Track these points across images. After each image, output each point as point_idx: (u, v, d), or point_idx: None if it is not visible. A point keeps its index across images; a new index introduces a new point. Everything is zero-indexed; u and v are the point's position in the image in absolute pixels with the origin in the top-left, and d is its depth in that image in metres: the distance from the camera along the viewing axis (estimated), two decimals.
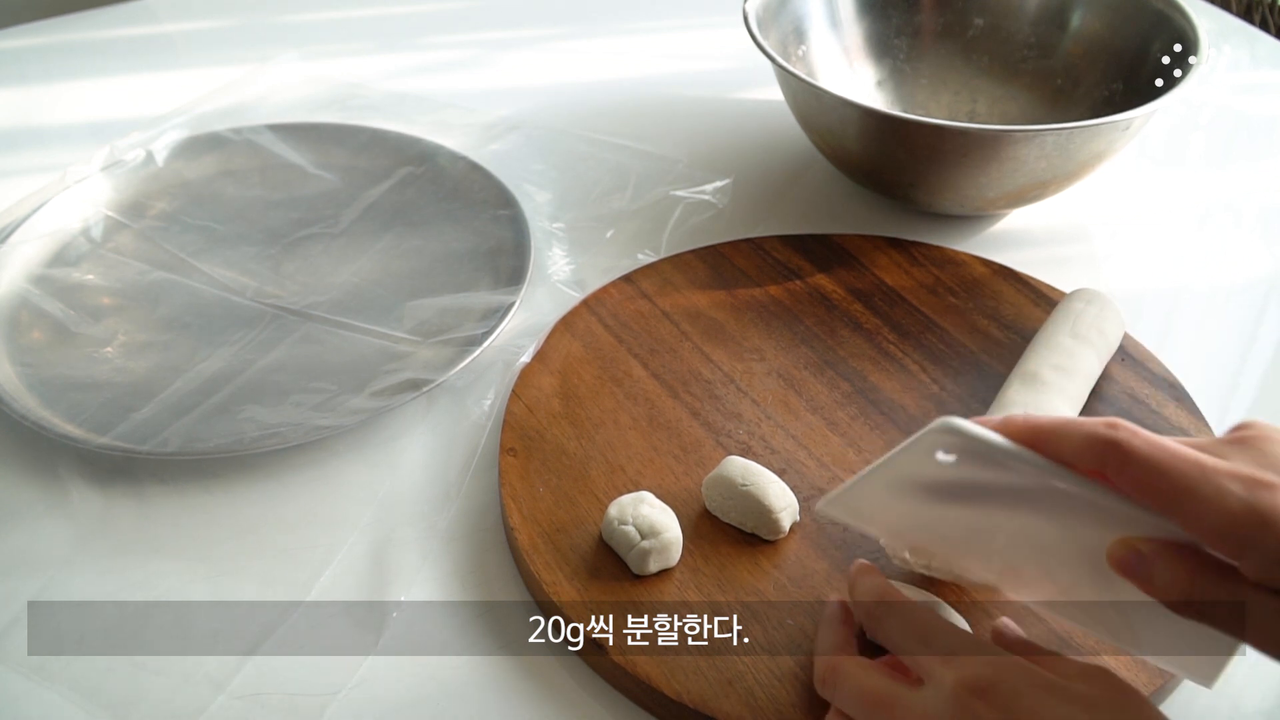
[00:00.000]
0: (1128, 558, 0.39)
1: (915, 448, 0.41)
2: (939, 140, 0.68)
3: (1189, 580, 0.37)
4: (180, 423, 0.60)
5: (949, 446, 0.40)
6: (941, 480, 0.43)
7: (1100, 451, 0.38)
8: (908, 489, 0.45)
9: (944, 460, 0.41)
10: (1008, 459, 0.40)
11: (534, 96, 0.92)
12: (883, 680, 0.42)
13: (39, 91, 0.94)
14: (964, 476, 0.42)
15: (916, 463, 0.42)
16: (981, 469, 0.41)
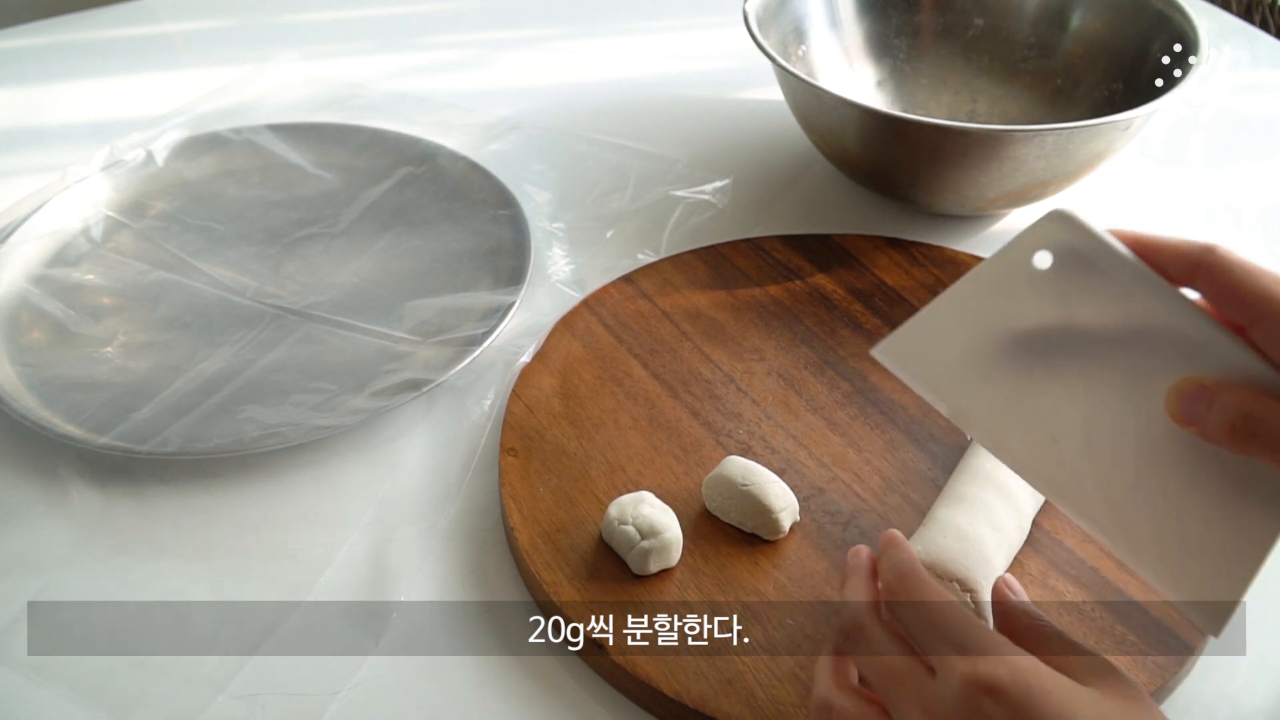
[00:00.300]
0: (1191, 390, 0.39)
1: (1017, 245, 0.41)
2: (939, 140, 0.68)
3: (1250, 400, 0.38)
4: (180, 423, 0.60)
5: (1055, 242, 0.40)
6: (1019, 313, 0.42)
7: (1198, 256, 0.39)
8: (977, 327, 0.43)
9: (1039, 268, 0.40)
10: (1111, 261, 0.40)
11: (534, 96, 0.92)
12: (903, 657, 0.42)
13: (39, 91, 0.94)
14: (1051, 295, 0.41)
15: (1010, 272, 0.41)
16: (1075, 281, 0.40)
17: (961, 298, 0.43)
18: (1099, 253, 0.40)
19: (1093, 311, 0.41)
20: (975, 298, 0.42)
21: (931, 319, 0.43)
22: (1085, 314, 0.41)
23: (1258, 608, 0.53)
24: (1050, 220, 0.40)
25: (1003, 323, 0.43)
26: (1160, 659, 0.49)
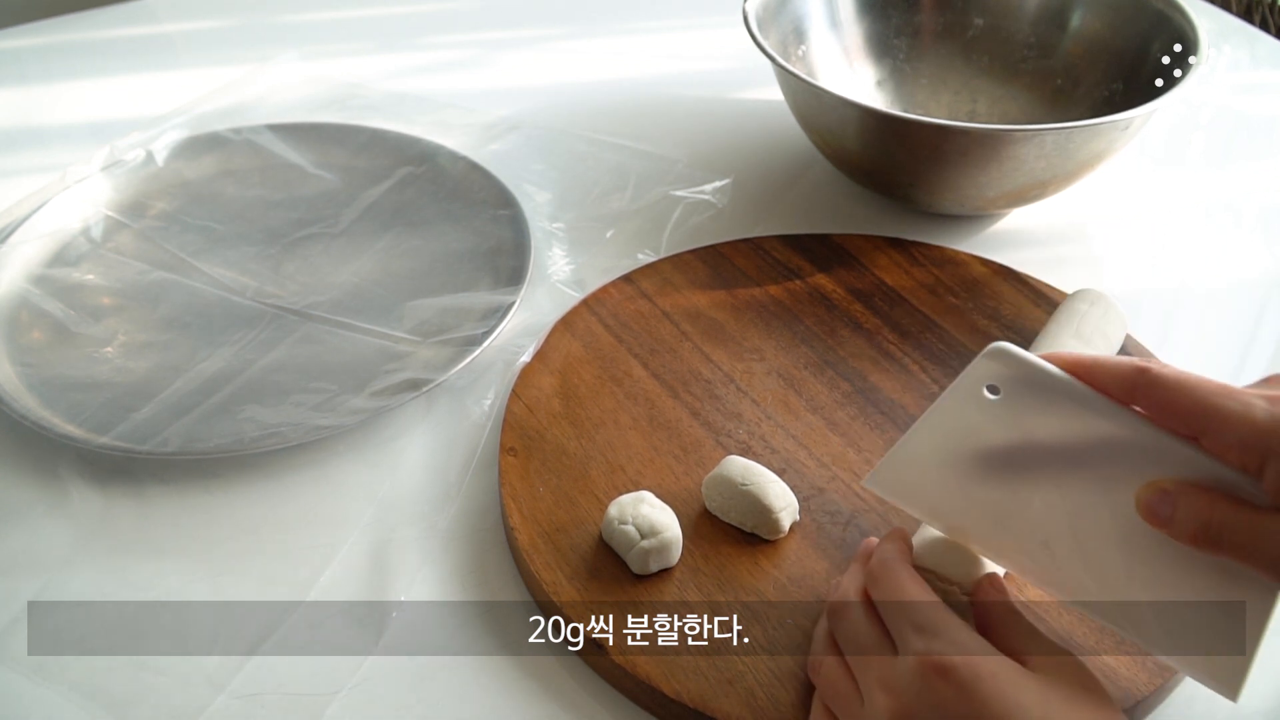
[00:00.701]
0: (1153, 497, 0.41)
1: (965, 382, 0.43)
2: (939, 140, 0.68)
3: (1209, 508, 0.39)
4: (180, 423, 0.60)
5: (998, 375, 0.42)
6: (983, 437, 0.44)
7: (1133, 378, 0.41)
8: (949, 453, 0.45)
9: (991, 398, 0.42)
10: (1052, 387, 0.41)
11: (534, 96, 0.92)
12: (875, 634, 0.45)
13: (39, 91, 0.94)
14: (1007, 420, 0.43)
15: (964, 405, 0.43)
16: (1025, 406, 0.42)
17: (929, 429, 0.46)
18: (1041, 381, 0.42)
19: (1050, 430, 0.43)
20: (941, 428, 0.46)
21: (907, 449, 0.47)
22: (1044, 433, 0.43)
23: None
24: (988, 357, 0.42)
25: (972, 447, 0.45)
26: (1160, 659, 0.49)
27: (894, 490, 0.49)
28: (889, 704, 0.42)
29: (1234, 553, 0.39)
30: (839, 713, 0.45)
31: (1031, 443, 0.44)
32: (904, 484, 0.48)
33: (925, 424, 0.46)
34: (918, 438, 0.46)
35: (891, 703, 0.42)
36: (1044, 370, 0.42)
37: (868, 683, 0.43)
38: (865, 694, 0.44)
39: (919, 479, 0.48)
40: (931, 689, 0.41)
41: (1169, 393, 0.40)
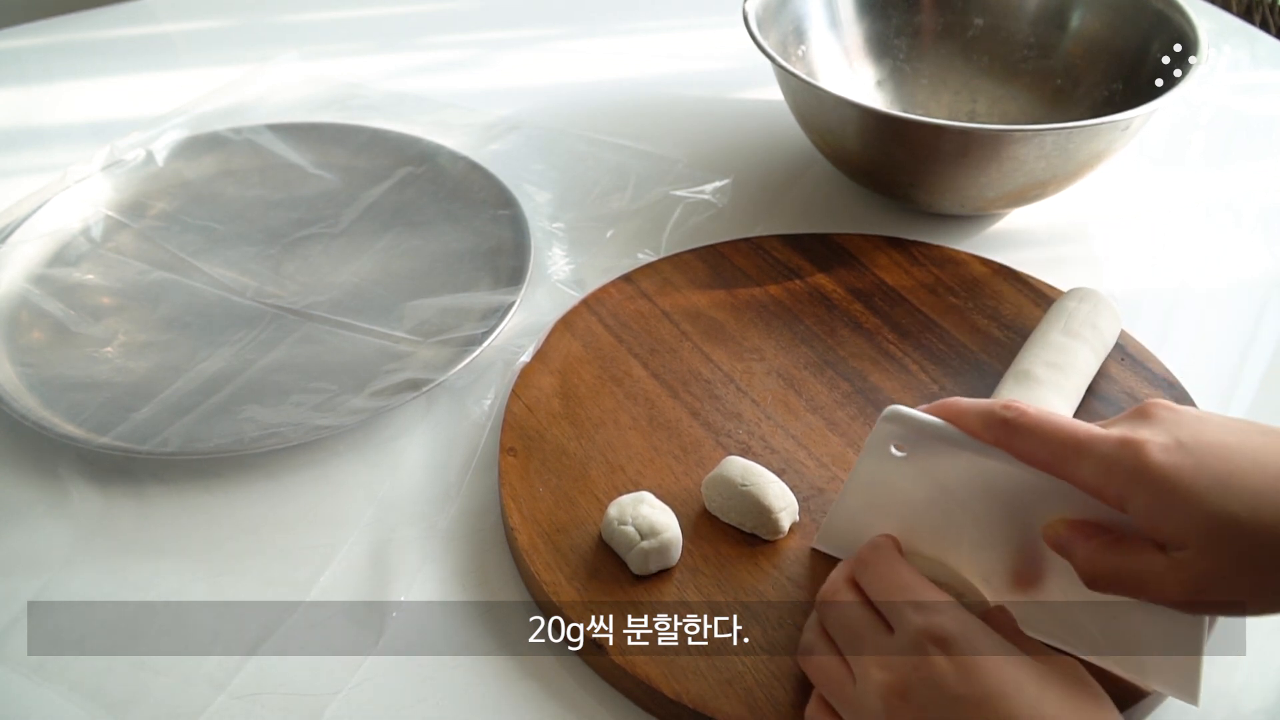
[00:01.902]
0: (1051, 538, 0.43)
1: (873, 444, 0.46)
2: (939, 140, 0.68)
3: (1095, 556, 0.41)
4: (180, 423, 0.60)
5: (896, 435, 0.45)
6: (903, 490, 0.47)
7: (994, 426, 0.43)
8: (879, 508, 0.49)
9: (898, 455, 0.46)
10: (943, 438, 0.45)
11: (534, 96, 0.92)
12: (866, 615, 0.45)
13: (39, 91, 0.94)
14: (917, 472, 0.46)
15: (879, 464, 0.47)
16: (928, 457, 0.46)
17: (856, 488, 0.49)
18: (932, 434, 0.45)
19: (955, 477, 0.46)
20: (865, 487, 0.49)
21: (841, 510, 0.51)
22: (951, 480, 0.46)
23: None
24: (886, 420, 0.46)
25: (896, 500, 0.48)
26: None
27: (841, 548, 0.52)
28: (884, 679, 0.42)
29: (1128, 592, 0.41)
30: (832, 698, 0.45)
31: (945, 490, 0.46)
32: (849, 541, 0.51)
33: (851, 485, 0.49)
34: (849, 498, 0.50)
35: (887, 678, 0.42)
36: (928, 424, 0.45)
37: (862, 663, 0.44)
38: (859, 674, 0.44)
39: (860, 534, 0.50)
40: (929, 662, 0.41)
41: (1025, 440, 0.42)
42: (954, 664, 0.41)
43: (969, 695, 0.40)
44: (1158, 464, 0.39)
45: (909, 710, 0.41)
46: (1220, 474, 0.39)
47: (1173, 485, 0.39)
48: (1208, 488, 0.38)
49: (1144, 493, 0.39)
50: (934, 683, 0.41)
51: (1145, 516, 0.39)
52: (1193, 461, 0.39)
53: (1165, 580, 0.39)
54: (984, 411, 0.43)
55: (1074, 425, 0.41)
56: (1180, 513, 0.39)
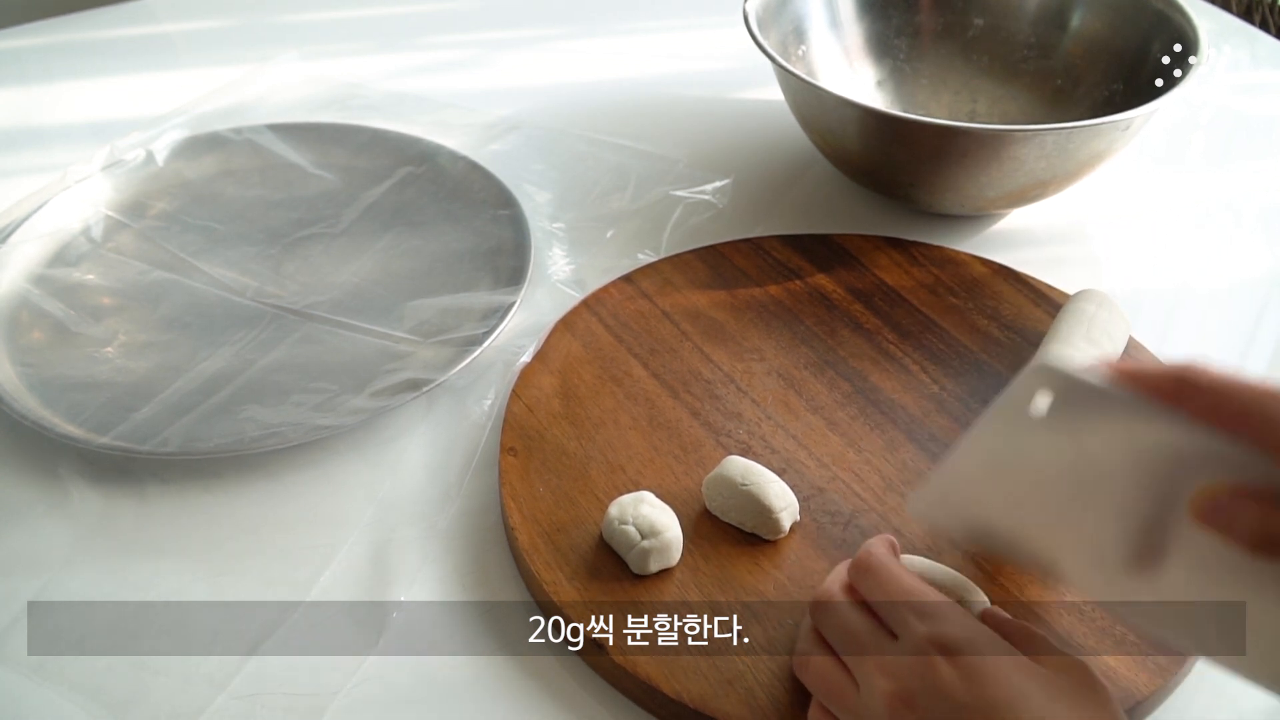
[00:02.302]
0: (1208, 505, 0.40)
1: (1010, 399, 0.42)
2: (939, 140, 0.68)
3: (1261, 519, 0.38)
4: (180, 423, 0.60)
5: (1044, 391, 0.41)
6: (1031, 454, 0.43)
7: (1176, 381, 0.40)
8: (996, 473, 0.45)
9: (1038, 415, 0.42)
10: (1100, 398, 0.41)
11: (534, 96, 0.92)
12: (865, 622, 0.44)
13: (39, 91, 0.94)
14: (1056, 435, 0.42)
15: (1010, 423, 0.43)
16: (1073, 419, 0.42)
17: (974, 449, 0.44)
18: (1088, 394, 0.41)
19: (1101, 441, 0.42)
20: (987, 448, 0.44)
21: (951, 472, 0.45)
22: (1094, 444, 0.42)
23: None
24: (1036, 374, 0.41)
25: (1021, 465, 0.44)
26: (1160, 659, 0.49)
27: (937, 514, 0.48)
28: (888, 688, 0.42)
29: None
30: (834, 706, 0.45)
31: (1083, 455, 0.43)
32: (948, 507, 0.47)
33: (970, 445, 0.45)
34: (964, 458, 0.45)
35: (891, 686, 0.42)
36: (1091, 383, 0.41)
37: (864, 670, 0.43)
38: (862, 682, 0.43)
39: (963, 501, 0.46)
40: (934, 670, 0.41)
41: (1212, 396, 0.40)
42: (960, 671, 0.41)
43: (975, 703, 0.40)
44: None
45: (914, 717, 0.41)
46: None
47: None
48: None
49: None
50: (940, 691, 0.41)
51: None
52: None
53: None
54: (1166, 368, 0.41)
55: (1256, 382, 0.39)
56: None
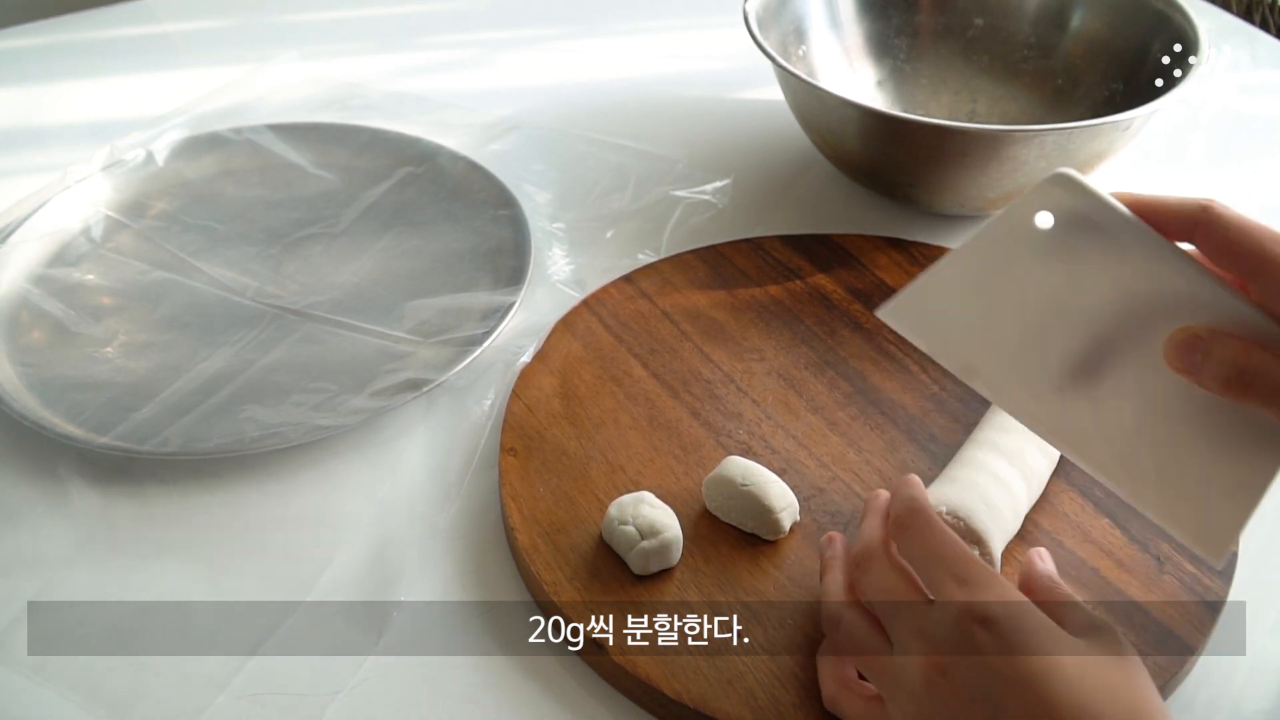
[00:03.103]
0: (1185, 340, 0.41)
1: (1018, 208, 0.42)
2: (939, 140, 0.68)
3: (1243, 353, 0.39)
4: (180, 423, 0.60)
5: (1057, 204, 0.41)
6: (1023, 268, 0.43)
7: (1195, 213, 0.41)
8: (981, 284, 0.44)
9: (1042, 228, 0.42)
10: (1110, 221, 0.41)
11: (534, 96, 0.92)
12: (905, 583, 0.44)
13: (39, 91, 0.94)
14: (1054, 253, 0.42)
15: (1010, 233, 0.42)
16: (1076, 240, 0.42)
17: (965, 259, 0.44)
18: (1099, 213, 0.41)
19: (1094, 269, 0.42)
20: (979, 259, 0.44)
21: (936, 281, 0.45)
22: (1087, 271, 0.42)
23: (1257, 608, 0.53)
24: (1052, 182, 0.41)
25: (1007, 281, 0.44)
26: (1160, 659, 0.49)
27: (910, 322, 0.47)
28: (923, 653, 0.42)
29: (1261, 397, 0.39)
30: (864, 666, 0.45)
31: (1072, 280, 0.43)
32: (923, 316, 0.46)
33: (965, 251, 0.44)
34: (949, 268, 0.45)
35: (928, 651, 0.42)
36: (1107, 204, 0.41)
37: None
38: (897, 643, 0.43)
39: (940, 313, 0.46)
40: (972, 640, 0.41)
41: (1227, 232, 0.40)
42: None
43: (1011, 676, 0.40)
44: None
45: (948, 686, 0.41)
46: None
47: None
48: None
49: None
50: (977, 663, 0.41)
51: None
52: None
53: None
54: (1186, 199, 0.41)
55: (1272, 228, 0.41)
56: None
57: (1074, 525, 0.55)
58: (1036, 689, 0.40)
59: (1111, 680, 0.41)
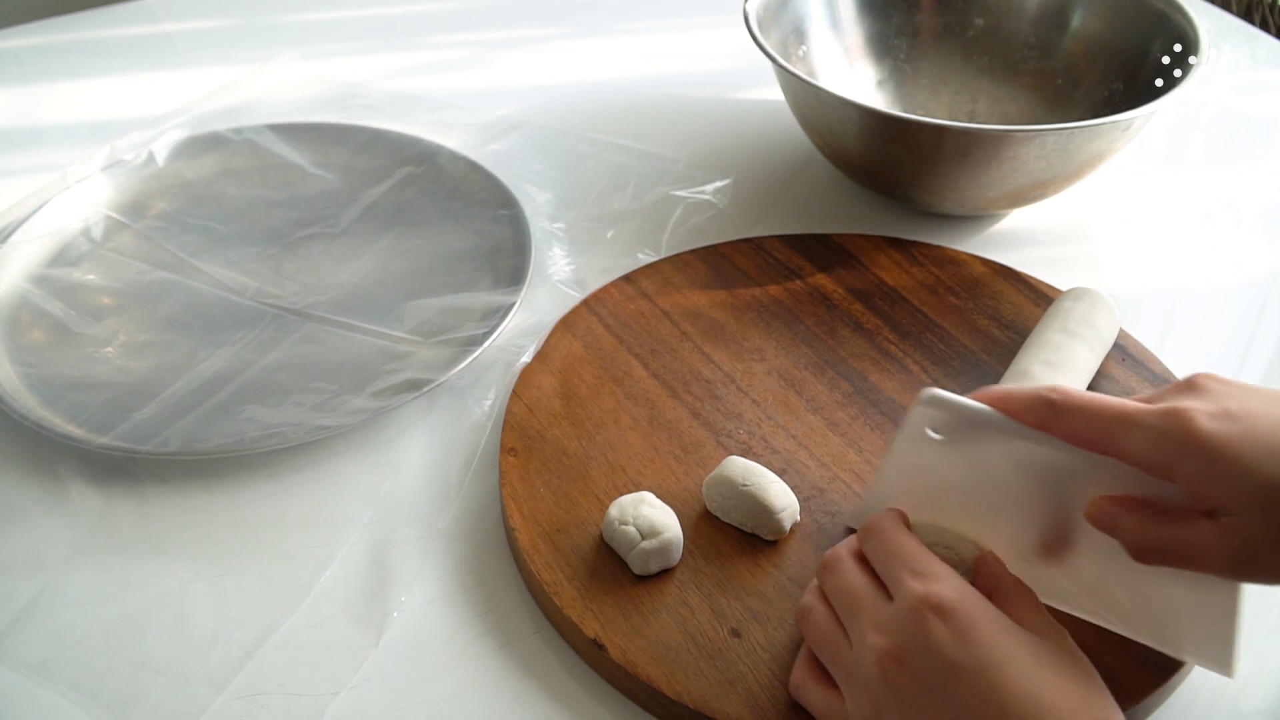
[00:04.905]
0: (1096, 515, 0.43)
1: (908, 427, 0.46)
2: (939, 140, 0.68)
3: (1139, 528, 0.41)
4: (181, 423, 0.60)
5: (933, 419, 0.45)
6: (940, 473, 0.47)
7: (1039, 407, 0.43)
8: (915, 491, 0.48)
9: (935, 438, 0.46)
10: (983, 422, 0.44)
11: (534, 96, 0.92)
12: (865, 582, 0.45)
13: (39, 91, 0.94)
14: (955, 455, 0.46)
15: (914, 447, 0.46)
16: (966, 441, 0.45)
17: (890, 470, 0.49)
18: (973, 418, 0.45)
19: (994, 458, 0.46)
20: (900, 468, 0.48)
21: (877, 491, 0.50)
22: (990, 462, 0.46)
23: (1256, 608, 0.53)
24: (923, 404, 0.45)
25: (933, 481, 0.48)
26: (1160, 659, 0.49)
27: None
28: (880, 644, 0.43)
29: (1172, 562, 0.41)
30: (826, 659, 0.46)
31: (983, 472, 0.46)
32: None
33: (885, 465, 0.49)
34: (883, 478, 0.49)
35: (883, 643, 0.43)
36: (971, 410, 0.45)
37: (858, 627, 0.44)
38: (855, 637, 0.44)
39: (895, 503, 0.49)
40: (926, 629, 0.42)
41: (1070, 420, 0.42)
42: (951, 632, 0.41)
43: (965, 663, 0.41)
44: (1205, 431, 0.39)
45: (903, 675, 0.42)
46: (1269, 443, 0.39)
47: (1220, 452, 0.39)
48: (1256, 455, 0.39)
49: (1192, 460, 0.39)
50: (931, 649, 0.41)
51: (1193, 484, 0.40)
52: (1241, 429, 0.39)
53: (1211, 548, 0.40)
54: (1028, 396, 0.43)
55: (1119, 402, 0.42)
56: (1228, 479, 0.39)
57: None
58: (990, 678, 0.40)
59: (1064, 674, 0.42)
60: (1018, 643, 0.42)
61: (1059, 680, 0.41)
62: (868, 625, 0.44)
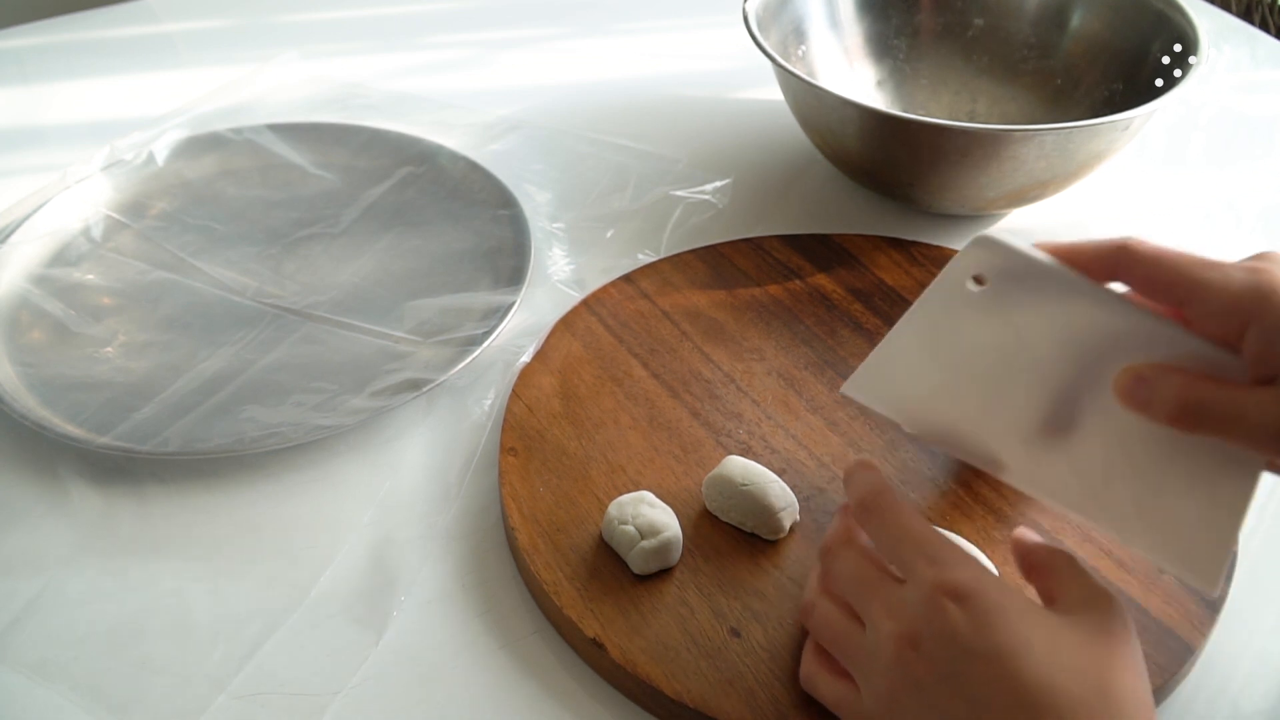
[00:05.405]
0: (1130, 381, 0.41)
1: (950, 275, 0.43)
2: (939, 140, 0.68)
3: (1186, 387, 0.40)
4: (180, 423, 0.60)
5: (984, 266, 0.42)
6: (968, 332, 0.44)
7: (1114, 254, 0.41)
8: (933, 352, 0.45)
9: (976, 290, 0.43)
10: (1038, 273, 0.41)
11: (534, 96, 0.92)
12: (873, 569, 0.45)
13: (39, 91, 0.94)
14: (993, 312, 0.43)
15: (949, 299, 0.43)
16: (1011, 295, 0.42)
17: (912, 327, 0.45)
18: (1027, 268, 0.42)
19: (1036, 322, 0.43)
20: (925, 326, 0.45)
21: (888, 351, 0.46)
22: (1030, 325, 0.43)
23: (1257, 608, 0.53)
24: (975, 246, 0.42)
25: (956, 344, 0.45)
26: (1160, 659, 0.49)
27: (873, 395, 0.48)
28: (895, 629, 0.42)
29: (1214, 428, 0.39)
30: (838, 650, 0.45)
31: (1017, 335, 0.44)
32: (884, 387, 0.48)
33: (908, 322, 0.45)
34: (900, 338, 0.46)
35: (898, 627, 0.42)
36: (1030, 256, 0.42)
37: (871, 612, 0.43)
38: (869, 623, 0.43)
39: (900, 381, 0.47)
40: (943, 614, 0.41)
41: (1149, 267, 0.40)
42: (969, 617, 0.41)
43: (981, 650, 0.40)
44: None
45: (919, 660, 0.41)
46: None
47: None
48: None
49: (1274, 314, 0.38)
50: (947, 635, 0.41)
51: (1269, 339, 0.38)
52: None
53: (1268, 410, 0.38)
54: (1100, 244, 0.41)
55: (1193, 255, 0.40)
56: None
57: (1074, 525, 0.55)
58: (1004, 663, 0.40)
59: (1082, 658, 0.40)
60: (1035, 627, 0.41)
61: (1076, 667, 0.40)
62: (882, 609, 0.43)
